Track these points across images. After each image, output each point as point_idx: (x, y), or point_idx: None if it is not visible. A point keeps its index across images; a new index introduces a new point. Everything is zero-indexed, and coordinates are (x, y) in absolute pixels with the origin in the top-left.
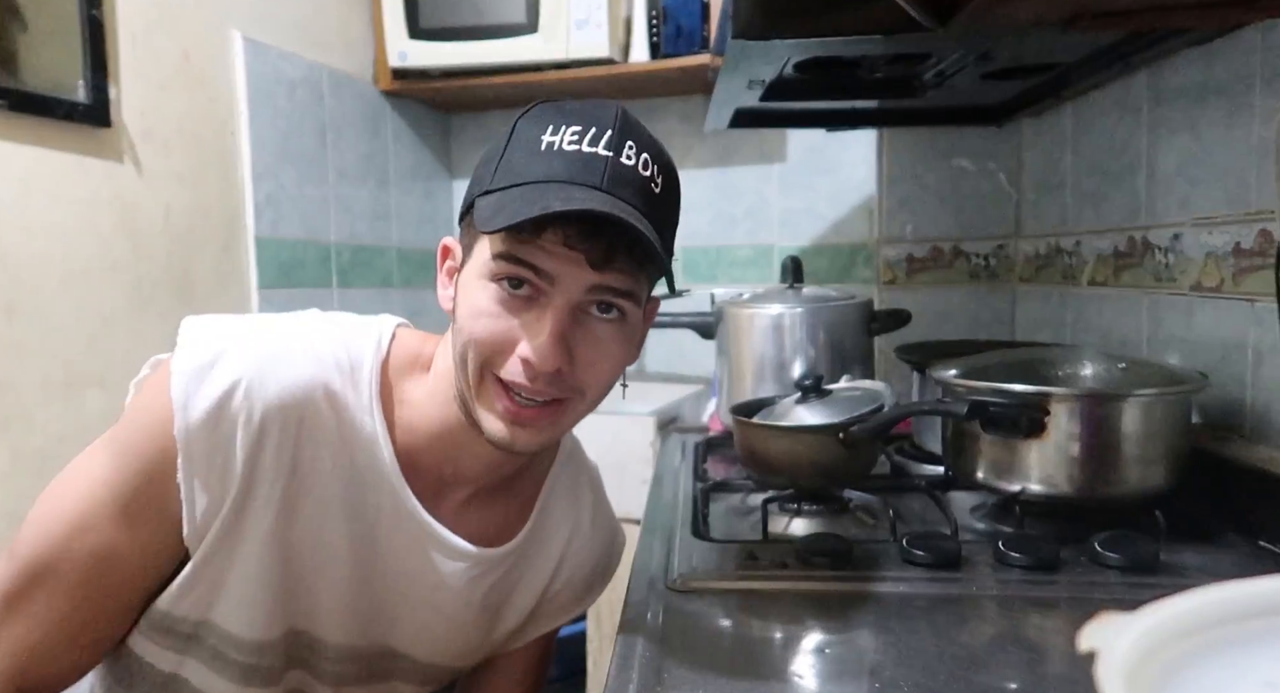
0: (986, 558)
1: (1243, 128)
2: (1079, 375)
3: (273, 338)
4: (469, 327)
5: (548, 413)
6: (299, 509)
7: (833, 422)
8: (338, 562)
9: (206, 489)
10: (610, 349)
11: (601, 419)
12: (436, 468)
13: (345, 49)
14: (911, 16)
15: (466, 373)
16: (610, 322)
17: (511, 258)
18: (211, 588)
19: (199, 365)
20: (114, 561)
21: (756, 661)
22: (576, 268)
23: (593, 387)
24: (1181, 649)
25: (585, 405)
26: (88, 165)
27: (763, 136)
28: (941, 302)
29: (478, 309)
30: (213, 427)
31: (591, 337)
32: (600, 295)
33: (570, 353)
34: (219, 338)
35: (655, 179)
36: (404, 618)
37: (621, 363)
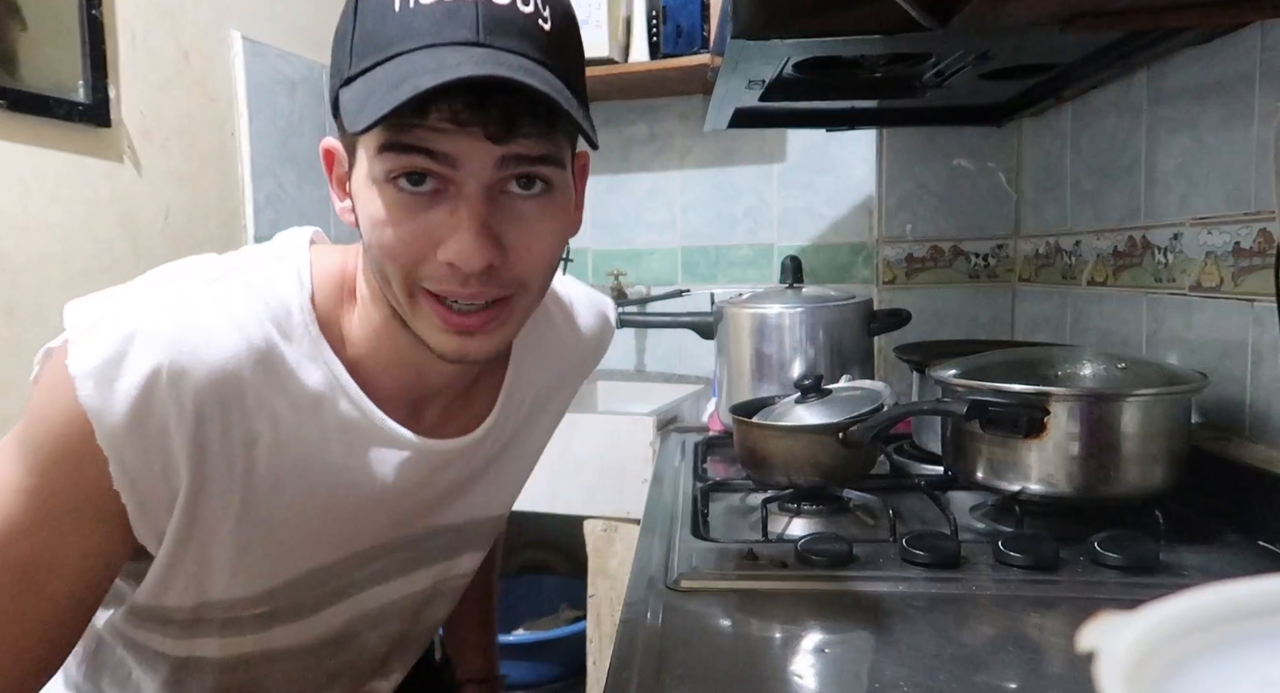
0: (986, 558)
1: (1242, 128)
2: (1079, 375)
3: (183, 310)
4: (375, 240)
5: (493, 315)
6: (267, 479)
7: (832, 422)
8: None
9: (151, 491)
10: (544, 227)
11: (601, 419)
12: (402, 394)
13: None
14: (911, 16)
15: (394, 292)
16: (535, 197)
17: (398, 146)
18: (195, 575)
19: (105, 362)
20: (49, 569)
21: (756, 660)
22: (477, 142)
23: (534, 275)
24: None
25: (532, 297)
26: (87, 165)
27: (762, 136)
28: (941, 301)
29: (378, 218)
30: (140, 428)
31: (518, 218)
32: (514, 168)
33: (499, 243)
34: (118, 323)
35: (542, 13)
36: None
37: (560, 239)
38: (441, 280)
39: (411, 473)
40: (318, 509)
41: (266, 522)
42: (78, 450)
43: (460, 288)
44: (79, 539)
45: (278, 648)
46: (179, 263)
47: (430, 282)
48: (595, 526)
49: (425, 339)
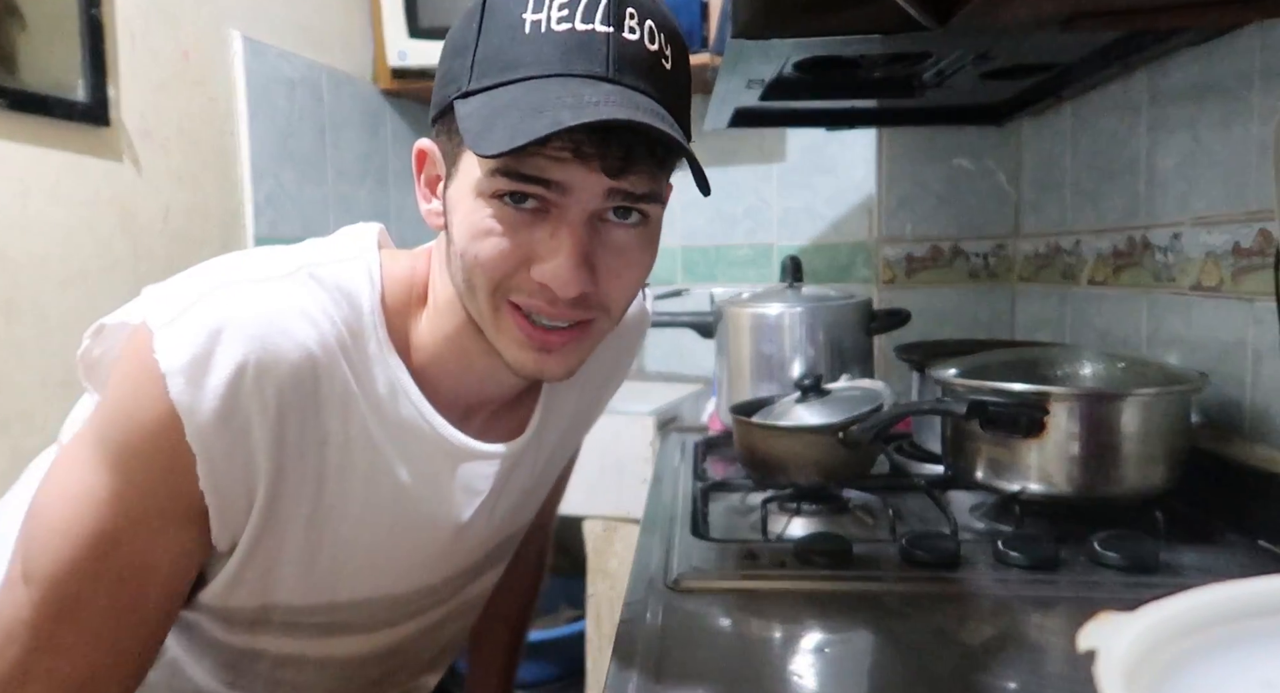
0: (986, 558)
1: (1242, 127)
2: (1078, 375)
3: (264, 305)
4: (472, 250)
5: (574, 335)
6: (335, 479)
7: (832, 421)
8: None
9: (231, 489)
10: (634, 258)
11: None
12: (461, 401)
13: (344, 48)
14: (911, 16)
15: (478, 302)
16: (632, 227)
17: (513, 174)
18: (263, 578)
19: (194, 358)
20: (145, 575)
21: (756, 660)
22: (590, 174)
23: (619, 301)
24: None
25: (612, 322)
26: (87, 165)
27: (762, 136)
28: (941, 301)
29: (478, 229)
30: (226, 425)
31: (613, 247)
32: (619, 201)
33: (594, 271)
34: (204, 317)
35: (665, 52)
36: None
37: (647, 270)
38: (531, 296)
39: (466, 481)
40: (384, 529)
41: (336, 529)
42: (168, 449)
43: (548, 307)
44: (170, 541)
45: (335, 655)
46: (247, 253)
47: (519, 295)
48: (595, 525)
49: (503, 352)
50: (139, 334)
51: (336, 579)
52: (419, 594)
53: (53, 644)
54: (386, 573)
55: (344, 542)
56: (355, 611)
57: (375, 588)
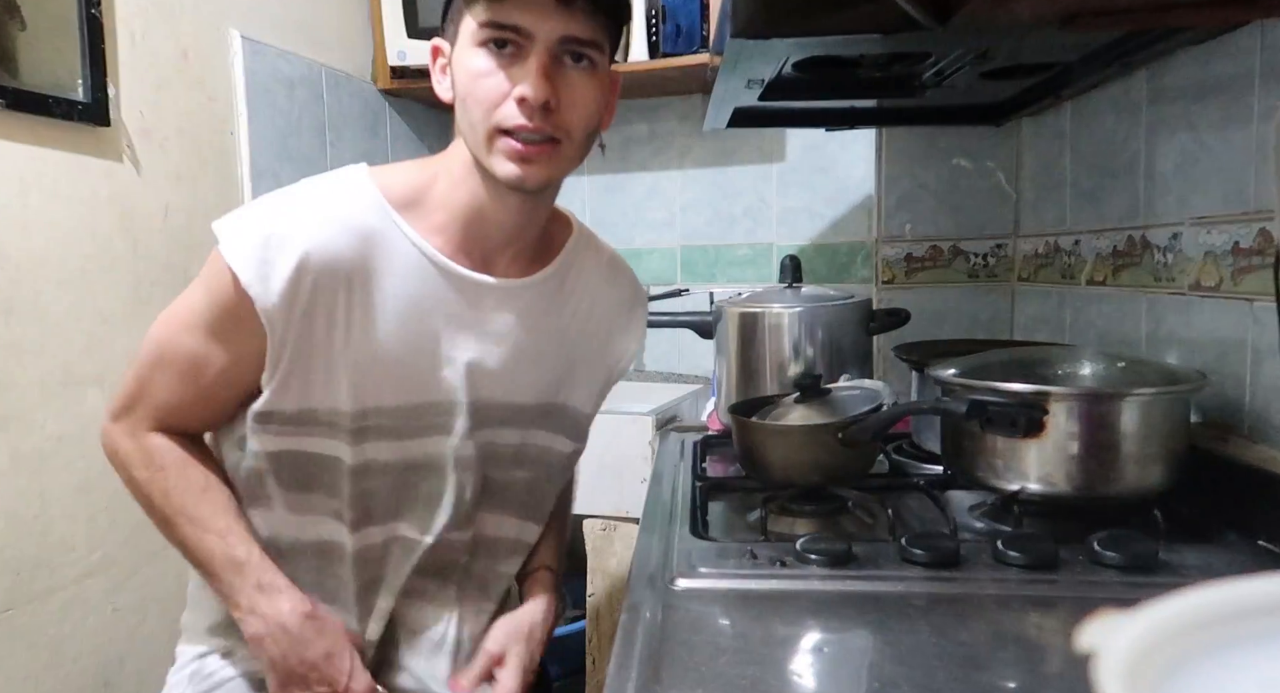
0: (985, 557)
1: (1242, 127)
2: (1078, 375)
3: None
4: (471, 89)
5: (545, 150)
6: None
7: (831, 421)
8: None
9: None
10: (585, 92)
11: (601, 418)
12: (477, 243)
13: (344, 48)
14: (910, 16)
15: (476, 133)
16: (583, 70)
17: (494, 23)
18: (305, 386)
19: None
20: (206, 361)
21: (755, 659)
22: (547, 20)
23: (576, 128)
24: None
25: (572, 148)
26: (86, 164)
27: (762, 136)
28: (940, 301)
29: (474, 72)
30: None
31: (569, 82)
32: (570, 47)
33: (556, 95)
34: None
35: None
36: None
37: (595, 107)
38: (514, 118)
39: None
40: (405, 347)
41: (360, 349)
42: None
43: (526, 120)
44: (226, 348)
45: (373, 460)
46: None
47: (505, 120)
48: (594, 525)
49: (493, 169)
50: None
51: (364, 391)
52: (438, 408)
53: (147, 380)
54: (406, 382)
55: (368, 357)
56: (380, 416)
57: (396, 397)
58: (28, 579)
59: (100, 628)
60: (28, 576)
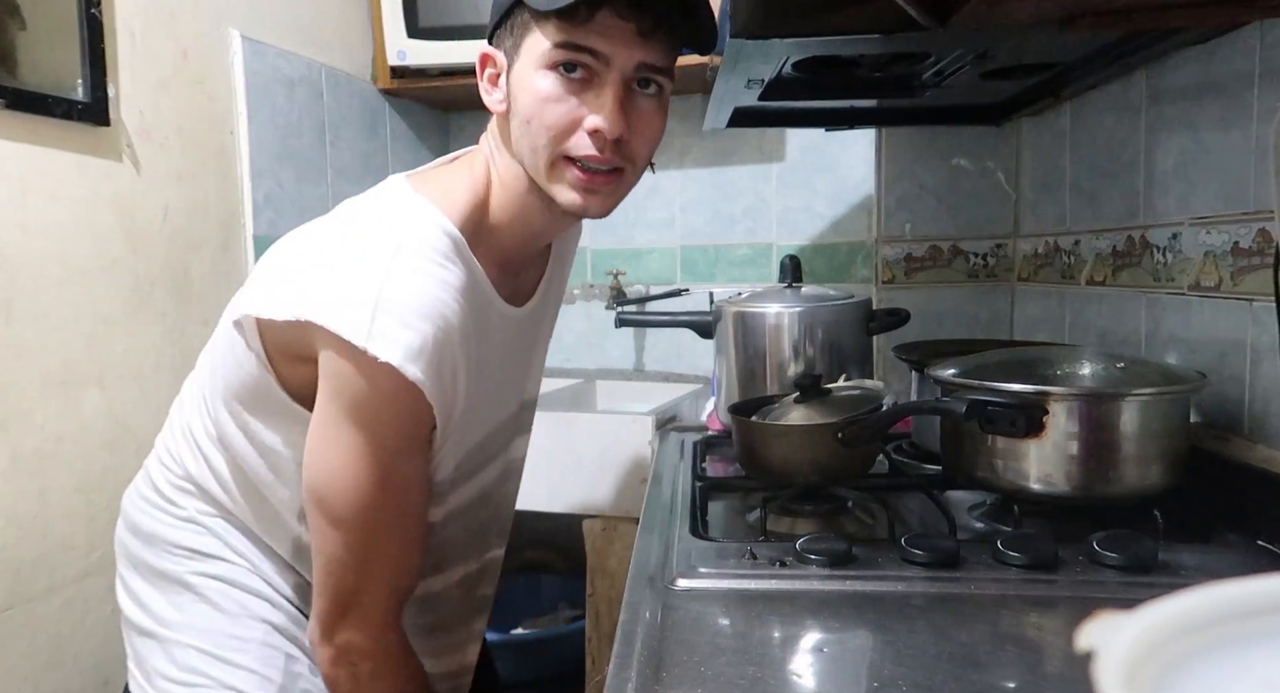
0: (985, 557)
1: (1241, 127)
2: (1077, 375)
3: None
4: (538, 114)
5: (612, 180)
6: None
7: (831, 421)
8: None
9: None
10: (654, 121)
11: (600, 418)
12: (513, 266)
13: (344, 48)
14: (910, 16)
15: (538, 159)
16: (652, 97)
17: (571, 45)
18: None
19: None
20: (411, 487)
21: (755, 660)
22: (626, 47)
23: (642, 156)
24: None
25: (635, 174)
26: (86, 164)
27: (761, 136)
28: (940, 301)
29: (542, 95)
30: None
31: (639, 110)
32: (644, 73)
33: (629, 126)
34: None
35: None
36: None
37: (661, 133)
38: (583, 148)
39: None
40: (482, 390)
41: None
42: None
43: (598, 153)
44: (420, 461)
45: (454, 507)
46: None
47: (575, 150)
48: (594, 525)
49: (556, 196)
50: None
51: (460, 445)
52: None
53: (369, 560)
54: (482, 419)
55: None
56: (469, 460)
57: (479, 433)
58: (28, 579)
59: (100, 628)
60: (28, 575)
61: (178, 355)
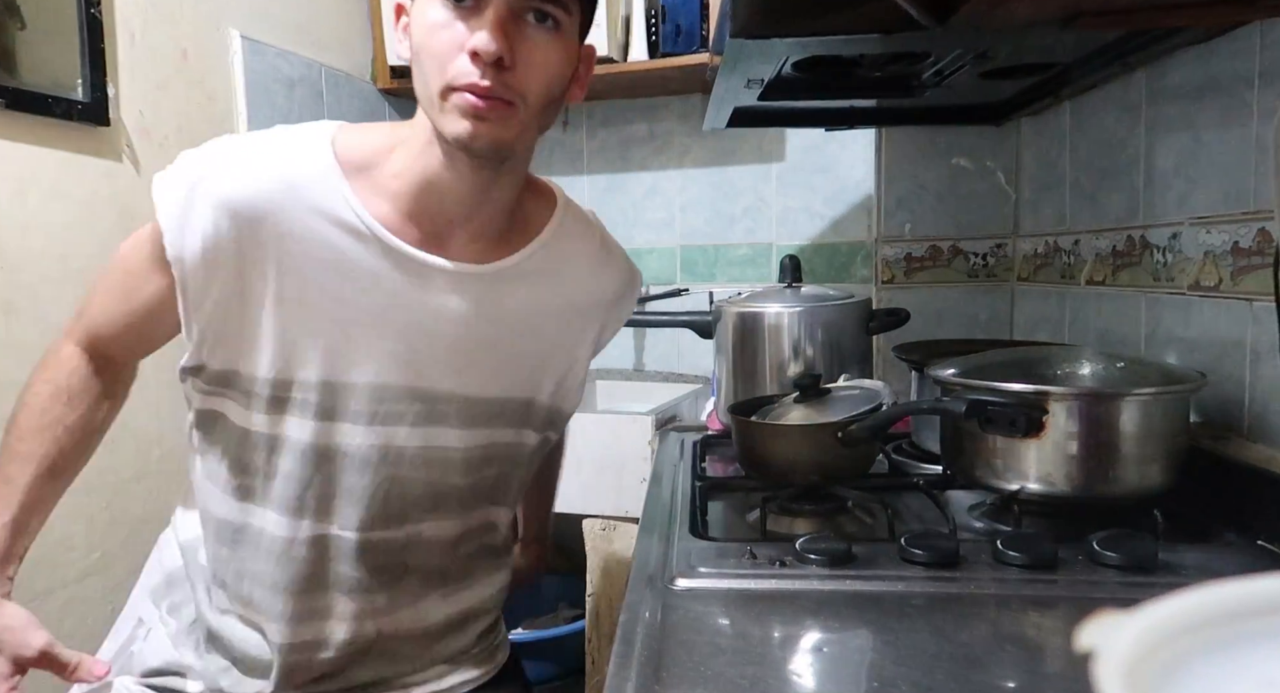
0: (985, 557)
1: (1241, 127)
2: (1077, 374)
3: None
4: (426, 44)
5: (497, 108)
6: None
7: (831, 421)
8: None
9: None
10: (548, 54)
11: (600, 418)
12: (429, 216)
13: (343, 47)
14: (910, 15)
15: (429, 91)
16: (545, 29)
17: None
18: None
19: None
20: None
21: (755, 659)
22: None
23: (533, 92)
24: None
25: (528, 113)
26: (86, 164)
27: (761, 136)
28: (940, 301)
29: (429, 24)
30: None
31: (529, 42)
32: (533, 2)
33: (512, 50)
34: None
35: None
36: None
37: (557, 72)
38: (465, 74)
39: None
40: (331, 320)
41: (291, 316)
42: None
43: (479, 78)
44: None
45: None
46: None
47: (457, 77)
48: (594, 525)
49: (444, 128)
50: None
51: (290, 358)
52: (375, 393)
53: (91, 299)
54: (333, 357)
55: (293, 323)
56: (301, 390)
57: (329, 372)
58: (28, 579)
59: (100, 628)
60: (27, 575)
61: (178, 355)
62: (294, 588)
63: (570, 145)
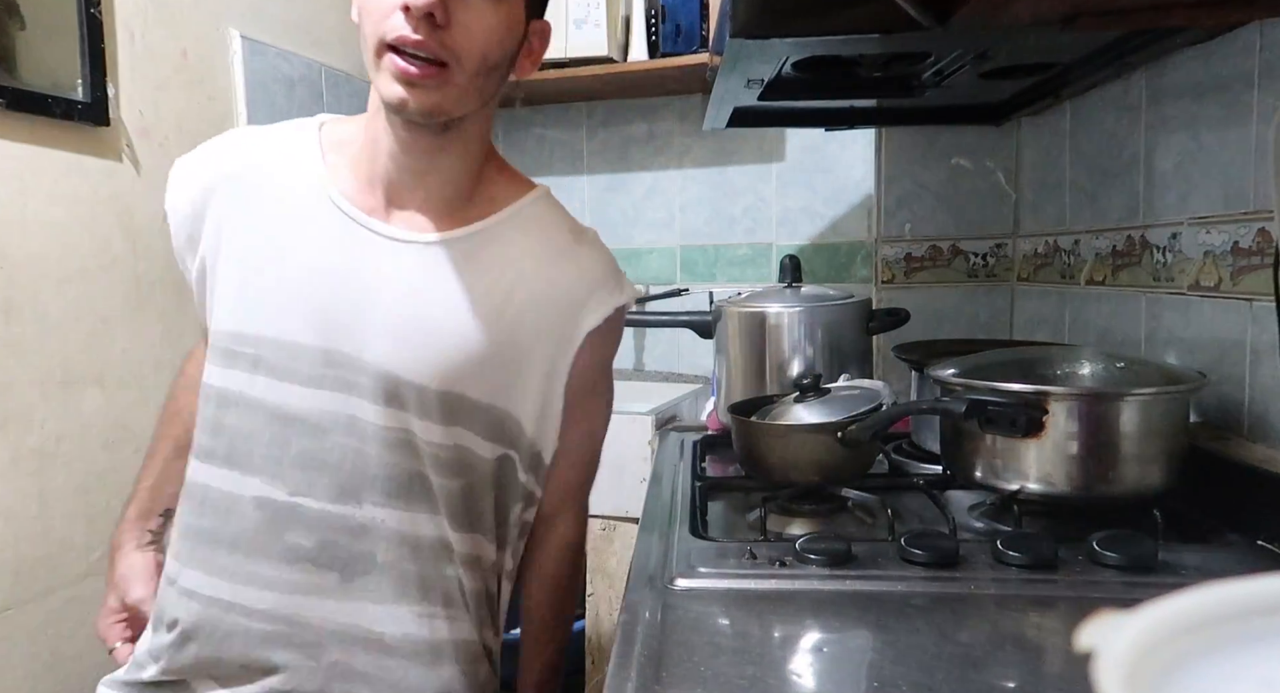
0: (985, 557)
1: (1241, 127)
2: (1077, 375)
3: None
4: (366, 3)
5: (432, 72)
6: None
7: (831, 421)
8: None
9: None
10: (483, 16)
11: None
12: (381, 188)
13: (343, 47)
14: (910, 15)
15: (368, 53)
16: None
17: None
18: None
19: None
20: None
21: (754, 659)
22: None
23: (468, 55)
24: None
25: (463, 77)
26: (86, 164)
27: (761, 136)
28: (939, 301)
29: None
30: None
31: (466, 3)
32: None
33: (446, 12)
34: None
35: None
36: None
37: (496, 39)
38: (397, 28)
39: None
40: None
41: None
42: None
43: (411, 33)
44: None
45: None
46: None
47: (390, 32)
48: (594, 525)
49: (381, 92)
50: None
51: (252, 313)
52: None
53: None
54: (292, 318)
55: (260, 282)
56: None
57: (282, 331)
58: (28, 579)
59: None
60: (28, 575)
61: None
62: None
63: (570, 145)
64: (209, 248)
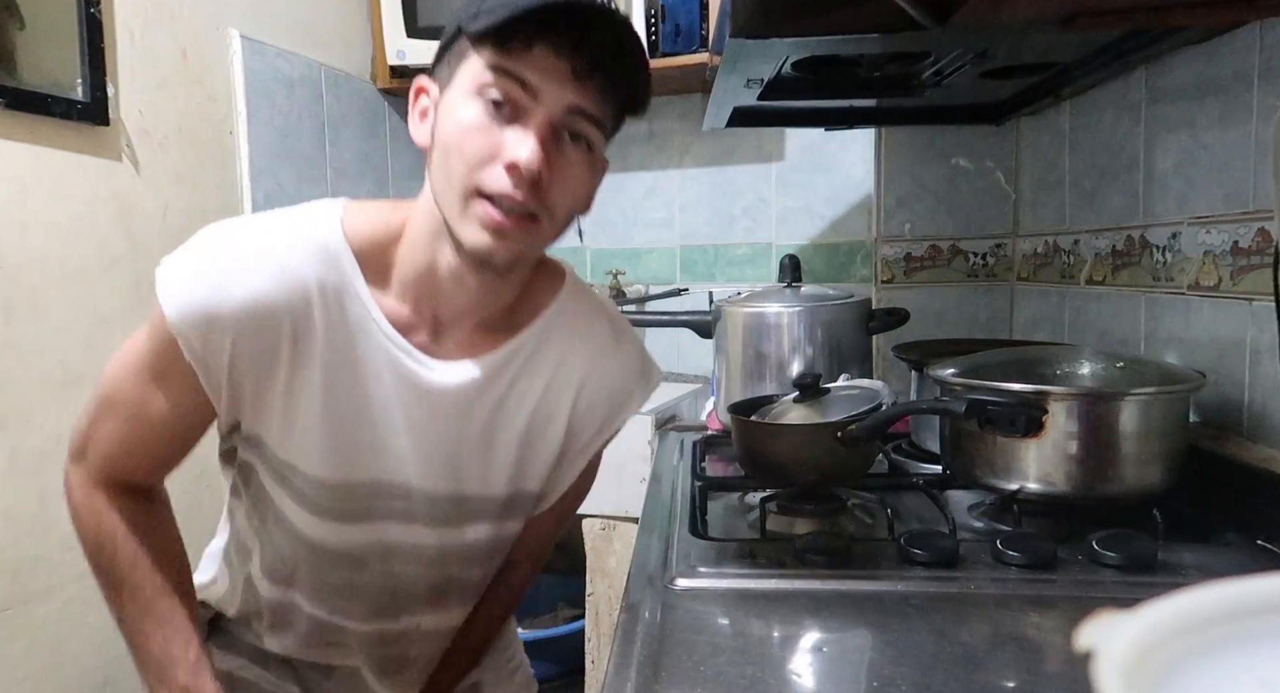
0: (984, 557)
1: (1241, 126)
2: (1077, 374)
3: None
4: (458, 143)
5: (523, 225)
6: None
7: (831, 420)
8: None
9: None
10: (580, 174)
11: None
12: (430, 312)
13: (343, 47)
14: (910, 15)
15: (452, 192)
16: (579, 149)
17: (501, 70)
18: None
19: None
20: (150, 409)
21: (754, 659)
22: (558, 86)
23: (560, 207)
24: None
25: (551, 228)
26: (86, 164)
27: (761, 135)
28: (939, 301)
29: (465, 125)
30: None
31: (564, 159)
32: (574, 121)
33: (549, 169)
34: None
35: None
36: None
37: (585, 190)
38: (498, 182)
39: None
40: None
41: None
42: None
43: (512, 191)
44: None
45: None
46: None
47: (488, 183)
48: (593, 524)
49: (461, 236)
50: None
51: (304, 451)
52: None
53: (97, 423)
54: (344, 458)
55: (311, 422)
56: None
57: (335, 471)
58: (28, 579)
59: (100, 627)
60: (28, 575)
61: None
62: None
63: None
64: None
